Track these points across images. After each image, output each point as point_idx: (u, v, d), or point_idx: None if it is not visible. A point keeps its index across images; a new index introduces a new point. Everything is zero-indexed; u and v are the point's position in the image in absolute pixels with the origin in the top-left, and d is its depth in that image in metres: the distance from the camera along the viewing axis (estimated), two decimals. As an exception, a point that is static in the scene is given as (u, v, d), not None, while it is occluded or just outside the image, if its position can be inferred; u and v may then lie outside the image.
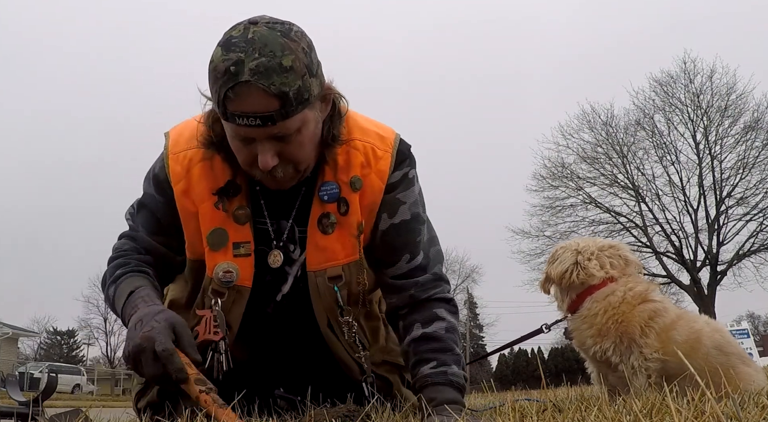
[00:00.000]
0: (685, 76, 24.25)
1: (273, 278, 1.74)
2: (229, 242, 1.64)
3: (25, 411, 1.56)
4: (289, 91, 1.38)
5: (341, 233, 1.68)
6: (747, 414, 0.96)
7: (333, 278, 1.69)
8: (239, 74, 1.35)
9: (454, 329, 1.69)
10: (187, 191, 1.66)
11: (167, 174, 1.68)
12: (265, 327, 1.79)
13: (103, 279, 1.74)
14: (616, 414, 1.12)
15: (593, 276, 1.89)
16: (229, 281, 1.63)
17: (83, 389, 31.49)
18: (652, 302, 1.79)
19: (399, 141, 1.76)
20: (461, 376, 1.60)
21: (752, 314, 51.00)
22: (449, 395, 1.55)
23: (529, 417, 1.27)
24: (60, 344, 50.23)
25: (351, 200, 1.67)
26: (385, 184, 1.70)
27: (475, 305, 49.54)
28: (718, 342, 1.73)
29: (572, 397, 1.78)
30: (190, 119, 1.75)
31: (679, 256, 24.29)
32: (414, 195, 1.76)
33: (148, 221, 1.75)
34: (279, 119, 1.40)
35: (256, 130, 1.42)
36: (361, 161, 1.69)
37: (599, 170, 25.08)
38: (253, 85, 1.36)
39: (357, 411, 1.53)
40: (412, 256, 1.73)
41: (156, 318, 1.45)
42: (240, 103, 1.38)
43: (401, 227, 1.72)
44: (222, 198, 1.64)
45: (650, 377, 1.69)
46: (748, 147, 23.59)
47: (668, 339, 1.71)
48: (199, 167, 1.66)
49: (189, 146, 1.68)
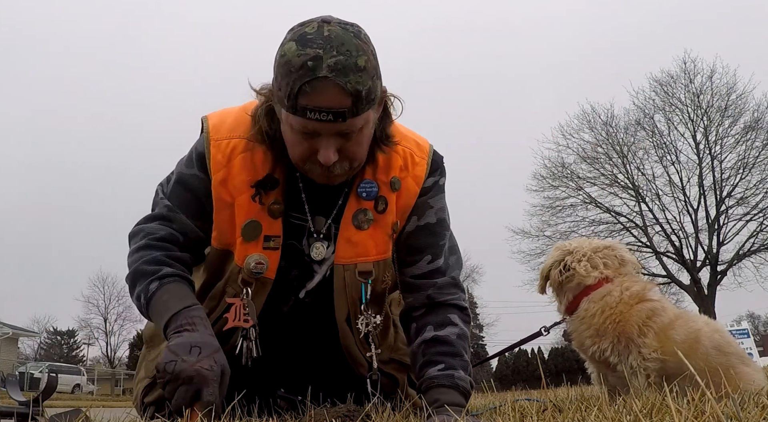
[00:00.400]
0: (685, 76, 24.28)
1: (300, 274, 1.77)
2: (261, 234, 1.67)
3: (25, 411, 1.56)
4: (362, 90, 1.43)
5: (376, 231, 1.73)
6: (747, 414, 0.96)
7: (363, 274, 1.73)
8: (317, 69, 1.38)
9: (465, 336, 1.71)
10: (226, 181, 1.67)
11: (208, 160, 1.68)
12: (278, 326, 1.80)
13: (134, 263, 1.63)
14: (616, 414, 1.12)
15: (586, 277, 1.89)
16: (259, 272, 1.66)
17: (83, 389, 31.48)
18: (649, 301, 1.79)
19: (433, 151, 1.85)
20: (467, 381, 1.62)
21: (752, 314, 51.02)
22: (453, 398, 1.56)
23: (529, 417, 1.27)
24: (60, 344, 50.23)
25: (390, 199, 1.74)
26: (420, 188, 1.78)
27: (475, 305, 49.48)
28: (717, 342, 1.72)
29: (572, 397, 1.78)
30: (229, 108, 1.78)
31: (679, 256, 24.29)
32: (442, 202, 1.83)
33: (189, 203, 1.72)
34: (349, 116, 1.44)
35: (325, 125, 1.45)
36: (401, 164, 1.76)
37: (599, 170, 25.09)
38: (331, 82, 1.39)
39: (357, 411, 1.53)
40: (433, 258, 1.78)
41: (216, 357, 1.42)
42: (315, 98, 1.41)
43: (426, 229, 1.79)
44: (259, 191, 1.66)
45: (649, 377, 1.69)
46: (748, 147, 23.61)
47: (666, 339, 1.71)
48: (241, 158, 1.67)
49: (232, 135, 1.69)
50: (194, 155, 1.73)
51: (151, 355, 1.87)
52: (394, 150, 1.75)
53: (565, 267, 1.97)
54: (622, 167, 24.87)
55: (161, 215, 1.72)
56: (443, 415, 1.42)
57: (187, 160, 1.75)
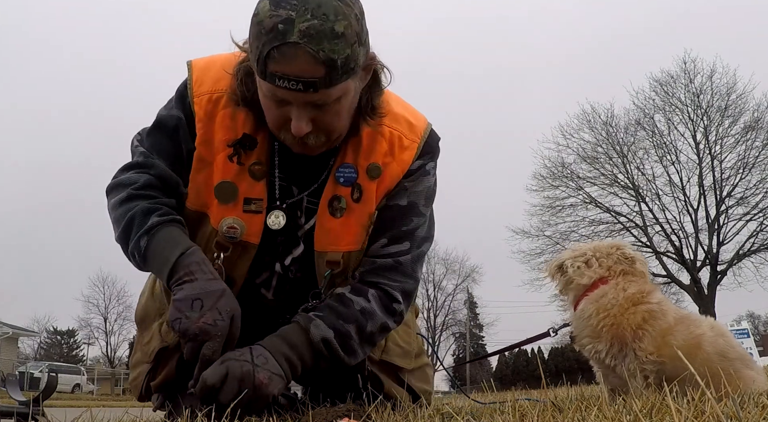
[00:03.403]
0: (685, 76, 24.31)
1: (285, 240, 1.66)
2: (240, 197, 1.57)
3: (25, 411, 1.56)
4: (337, 59, 1.31)
5: (348, 220, 1.61)
6: (747, 414, 0.96)
7: (331, 263, 1.62)
8: (287, 34, 1.28)
9: (369, 313, 1.57)
10: (207, 141, 1.58)
11: (193, 109, 1.58)
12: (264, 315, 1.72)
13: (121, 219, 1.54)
14: (616, 414, 1.12)
15: (581, 277, 1.88)
16: (232, 237, 1.56)
17: (83, 388, 31.50)
18: (647, 304, 1.75)
19: (429, 132, 1.71)
20: (325, 337, 1.50)
21: (752, 314, 51.04)
22: (292, 336, 1.50)
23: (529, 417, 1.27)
24: (60, 343, 50.26)
25: (366, 187, 1.62)
26: (404, 173, 1.66)
27: (475, 305, 49.57)
28: (721, 347, 1.69)
29: (572, 397, 1.78)
30: (218, 54, 1.66)
31: (679, 256, 24.29)
32: (422, 186, 1.69)
33: (167, 150, 1.61)
34: (322, 87, 1.34)
35: (294, 94, 1.36)
36: (386, 149, 1.63)
37: (599, 170, 25.11)
38: (301, 48, 1.28)
39: (357, 411, 1.53)
40: (389, 242, 1.64)
41: (218, 306, 1.40)
42: (283, 65, 1.31)
43: (392, 210, 1.66)
44: (238, 150, 1.56)
45: (648, 377, 1.68)
46: (748, 147, 23.63)
47: (664, 344, 1.67)
48: (222, 115, 1.57)
49: (214, 89, 1.58)
50: (175, 100, 1.63)
51: (144, 338, 1.80)
52: (380, 133, 1.62)
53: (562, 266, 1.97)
54: (622, 166, 24.89)
55: (137, 163, 1.61)
56: (251, 346, 1.44)
57: (168, 102, 1.65)
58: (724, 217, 24.07)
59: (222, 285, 1.45)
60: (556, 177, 25.24)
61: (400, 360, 1.83)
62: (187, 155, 1.61)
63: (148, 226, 1.50)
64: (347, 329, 1.54)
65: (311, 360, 1.52)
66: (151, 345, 1.75)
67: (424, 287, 44.25)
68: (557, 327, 2.20)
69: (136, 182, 1.57)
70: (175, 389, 1.72)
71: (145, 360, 1.77)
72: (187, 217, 1.62)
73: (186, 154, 1.61)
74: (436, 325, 45.32)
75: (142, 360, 1.80)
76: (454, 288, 46.40)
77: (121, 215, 1.55)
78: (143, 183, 1.57)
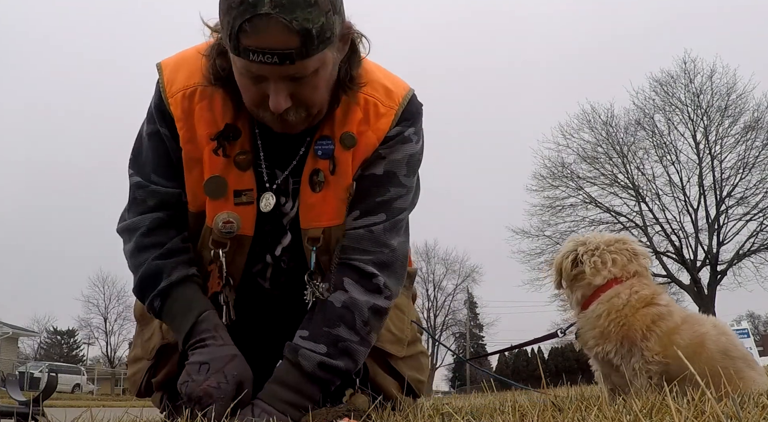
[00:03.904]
0: (685, 76, 24.30)
1: (272, 229, 1.63)
2: (230, 190, 1.53)
3: (25, 411, 1.56)
4: (312, 28, 1.27)
5: (327, 194, 1.56)
6: (747, 414, 0.96)
7: (312, 240, 1.57)
8: (258, 5, 1.23)
9: (353, 305, 1.51)
10: (191, 138, 1.54)
11: (170, 112, 1.55)
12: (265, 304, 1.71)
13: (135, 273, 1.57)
14: (616, 414, 1.12)
15: (595, 277, 1.86)
16: (229, 232, 1.53)
17: (83, 388, 31.49)
18: (656, 306, 1.76)
19: (409, 99, 1.63)
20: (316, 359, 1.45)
21: (752, 314, 51.04)
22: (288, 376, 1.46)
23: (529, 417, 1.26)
24: (60, 343, 50.22)
25: (341, 159, 1.55)
26: (380, 141, 1.59)
27: (475, 305, 49.53)
28: (723, 346, 1.70)
29: (572, 397, 1.78)
30: (185, 50, 1.62)
31: (679, 256, 24.28)
32: (400, 154, 1.61)
33: (158, 162, 1.60)
34: (298, 58, 1.29)
35: (271, 68, 1.31)
36: (360, 117, 1.57)
37: (599, 170, 25.10)
38: (274, 19, 1.24)
39: (357, 411, 1.53)
40: (362, 214, 1.57)
41: (226, 371, 1.40)
42: (256, 38, 1.26)
43: (366, 179, 1.59)
44: (222, 143, 1.52)
45: (651, 378, 1.68)
46: (748, 147, 23.63)
47: (670, 343, 1.68)
48: (199, 108, 1.53)
49: (186, 85, 1.54)
50: (152, 110, 1.60)
51: (144, 334, 1.79)
52: (355, 101, 1.56)
53: (576, 259, 1.93)
54: (622, 166, 24.89)
55: (135, 199, 1.62)
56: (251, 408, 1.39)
57: (148, 116, 1.63)
58: (724, 217, 24.07)
59: (233, 351, 1.46)
60: (556, 177, 25.26)
61: (391, 346, 1.76)
62: (178, 161, 1.59)
63: (160, 289, 1.54)
64: (336, 333, 1.49)
65: (317, 390, 1.50)
66: (151, 341, 1.74)
67: (424, 287, 44.25)
68: (564, 328, 2.18)
69: (140, 226, 1.59)
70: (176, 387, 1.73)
71: (146, 356, 1.77)
72: (190, 220, 1.62)
73: (176, 161, 1.59)
74: (436, 325, 45.30)
75: (141, 357, 1.79)
76: (454, 288, 46.42)
77: (134, 269, 1.59)
78: (147, 227, 1.58)
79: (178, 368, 1.67)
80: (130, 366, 1.86)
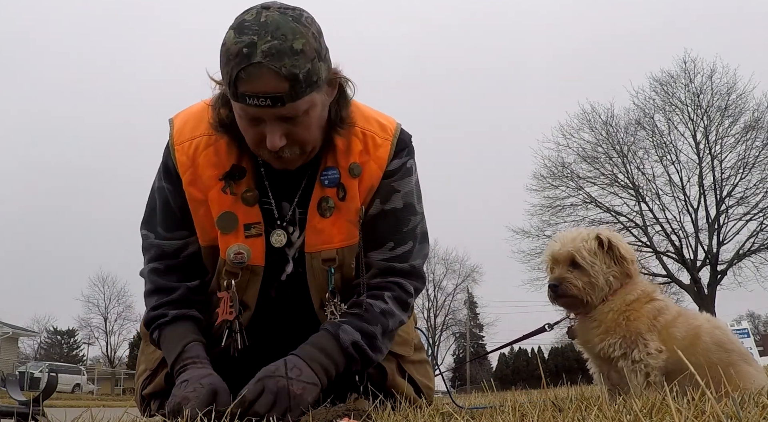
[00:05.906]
0: (685, 76, 24.33)
1: (276, 259, 1.77)
2: (240, 224, 1.70)
3: (25, 411, 1.56)
4: (299, 74, 1.44)
5: (338, 218, 1.73)
6: (747, 413, 0.96)
7: (327, 261, 1.73)
8: (252, 56, 1.41)
9: (389, 313, 1.71)
10: (194, 181, 1.72)
11: (175, 164, 1.74)
12: (268, 312, 1.81)
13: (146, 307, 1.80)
14: (617, 414, 1.12)
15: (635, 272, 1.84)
16: (240, 262, 1.69)
17: (83, 388, 31.52)
18: (657, 300, 1.80)
19: (400, 131, 1.83)
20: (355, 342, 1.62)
21: (752, 314, 51.09)
22: (323, 341, 1.61)
23: (529, 417, 1.27)
24: (60, 343, 50.26)
25: (349, 186, 1.73)
26: (383, 171, 1.77)
27: (475, 305, 49.57)
28: (718, 338, 1.72)
29: (572, 397, 1.78)
30: (194, 104, 1.82)
31: (679, 256, 24.31)
32: (410, 185, 1.82)
33: (166, 218, 1.80)
34: (288, 100, 1.46)
35: (265, 110, 1.48)
36: (360, 148, 1.75)
37: (599, 170, 25.13)
38: (265, 67, 1.41)
39: (357, 410, 1.53)
40: (396, 244, 1.78)
41: (201, 381, 1.54)
42: (251, 84, 1.43)
43: (391, 214, 1.78)
44: (229, 182, 1.69)
45: (649, 375, 1.69)
46: (748, 147, 23.66)
47: (668, 336, 1.71)
48: (204, 154, 1.71)
49: (193, 135, 1.74)
50: (162, 167, 1.80)
51: (149, 348, 1.90)
52: (353, 134, 1.74)
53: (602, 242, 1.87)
54: (622, 166, 24.91)
55: (143, 249, 1.84)
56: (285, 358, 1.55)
57: (158, 173, 1.82)
58: (724, 217, 24.10)
59: (210, 371, 1.62)
60: (556, 177, 25.28)
61: (400, 348, 1.90)
62: (182, 212, 1.78)
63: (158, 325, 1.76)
64: (372, 330, 1.66)
65: (344, 364, 1.64)
66: (155, 354, 1.86)
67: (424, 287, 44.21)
68: (553, 323, 2.20)
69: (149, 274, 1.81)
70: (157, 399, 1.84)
71: (149, 366, 1.88)
72: (206, 255, 1.79)
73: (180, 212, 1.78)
74: (436, 325, 45.35)
75: (145, 369, 1.90)
76: (454, 288, 46.47)
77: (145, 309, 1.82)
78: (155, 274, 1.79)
79: (165, 383, 1.82)
80: (136, 381, 1.98)
